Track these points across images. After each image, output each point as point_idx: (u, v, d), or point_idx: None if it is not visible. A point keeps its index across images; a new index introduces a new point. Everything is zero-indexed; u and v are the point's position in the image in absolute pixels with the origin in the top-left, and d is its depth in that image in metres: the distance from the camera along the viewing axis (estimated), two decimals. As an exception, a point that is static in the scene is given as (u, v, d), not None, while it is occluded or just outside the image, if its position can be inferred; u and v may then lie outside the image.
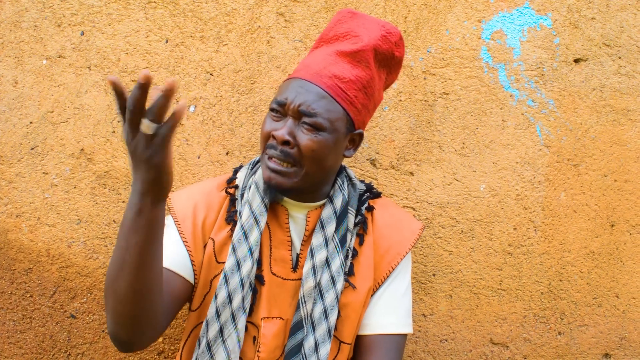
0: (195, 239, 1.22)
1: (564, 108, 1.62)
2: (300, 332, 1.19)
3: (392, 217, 1.30)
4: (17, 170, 1.47)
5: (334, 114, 1.14)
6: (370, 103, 1.21)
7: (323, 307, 1.19)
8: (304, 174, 1.14)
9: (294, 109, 1.13)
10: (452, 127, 1.57)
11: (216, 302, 1.17)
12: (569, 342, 1.65)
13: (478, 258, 1.59)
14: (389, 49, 1.21)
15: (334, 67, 1.16)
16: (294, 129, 1.13)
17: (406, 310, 1.27)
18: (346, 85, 1.15)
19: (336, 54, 1.17)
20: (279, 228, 1.23)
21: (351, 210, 1.25)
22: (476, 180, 1.58)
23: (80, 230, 1.48)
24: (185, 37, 1.50)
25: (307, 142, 1.12)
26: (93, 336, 1.50)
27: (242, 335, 1.18)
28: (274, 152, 1.14)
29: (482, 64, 1.58)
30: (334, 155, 1.18)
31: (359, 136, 1.22)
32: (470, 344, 1.60)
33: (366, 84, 1.18)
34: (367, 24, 1.21)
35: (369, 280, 1.23)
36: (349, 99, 1.16)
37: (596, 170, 1.64)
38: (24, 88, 1.48)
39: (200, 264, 1.22)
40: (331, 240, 1.21)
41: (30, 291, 1.49)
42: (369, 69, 1.18)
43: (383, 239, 1.27)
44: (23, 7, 1.48)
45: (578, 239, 1.63)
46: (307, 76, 1.15)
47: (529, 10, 1.59)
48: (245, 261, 1.18)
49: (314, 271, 1.19)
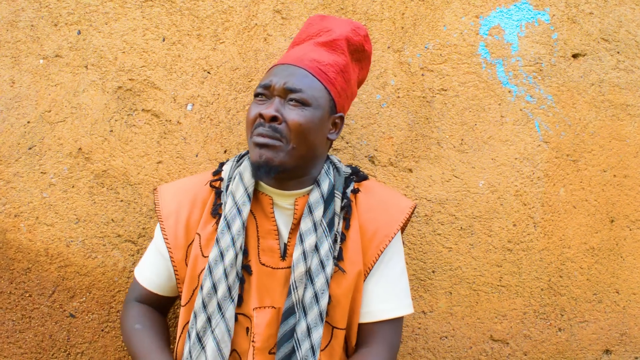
0: (177, 237, 1.26)
1: (562, 103, 1.61)
2: (292, 318, 1.20)
3: (378, 199, 1.31)
4: (15, 170, 1.47)
5: (317, 92, 1.20)
6: (348, 89, 1.27)
7: (314, 291, 1.19)
8: (291, 149, 1.17)
9: (279, 88, 1.18)
10: (451, 124, 1.57)
11: (202, 293, 1.20)
12: (569, 338, 1.64)
13: (477, 254, 1.58)
14: (359, 41, 1.28)
15: (313, 54, 1.24)
16: (280, 106, 1.18)
17: (404, 291, 1.29)
18: (326, 67, 1.22)
19: (313, 44, 1.26)
20: (265, 218, 1.25)
21: (337, 194, 1.26)
22: (475, 177, 1.58)
23: (78, 230, 1.48)
24: (182, 35, 1.50)
25: (295, 116, 1.17)
26: (92, 335, 1.50)
27: (231, 325, 1.19)
28: (262, 129, 1.17)
29: (480, 59, 1.57)
30: (320, 133, 1.21)
31: (341, 119, 1.27)
32: (470, 341, 1.59)
33: (343, 69, 1.25)
34: (337, 22, 1.30)
35: (357, 265, 1.24)
36: (329, 79, 1.22)
37: (595, 165, 1.64)
38: (21, 88, 1.48)
39: (182, 262, 1.26)
40: (319, 225, 1.22)
41: (29, 291, 1.49)
42: (344, 55, 1.26)
43: (369, 222, 1.27)
44: (19, 7, 1.48)
45: (578, 234, 1.63)
46: (289, 61, 1.23)
47: (526, 5, 1.59)
48: (228, 251, 1.20)
49: (304, 256, 1.20)
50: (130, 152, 1.49)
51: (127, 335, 1.27)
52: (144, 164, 1.49)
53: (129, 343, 1.25)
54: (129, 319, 1.30)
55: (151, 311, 1.32)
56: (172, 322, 1.52)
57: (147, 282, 1.31)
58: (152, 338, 1.24)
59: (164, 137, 1.50)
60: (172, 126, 1.50)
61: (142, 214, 1.49)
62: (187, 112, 1.50)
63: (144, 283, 1.31)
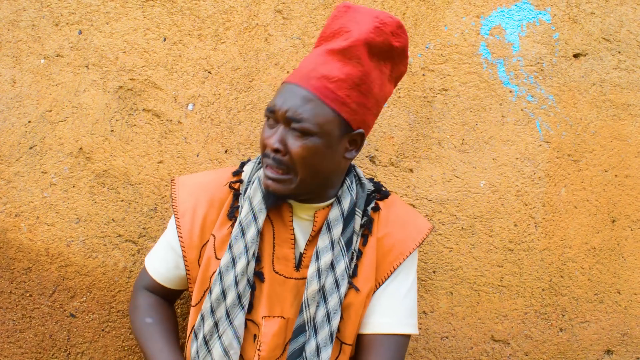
0: (192, 236, 1.23)
1: (563, 103, 1.61)
2: (303, 336, 1.18)
3: (397, 215, 1.28)
4: (15, 170, 1.47)
5: (322, 117, 1.10)
6: (368, 101, 1.15)
7: (326, 310, 1.18)
8: (299, 180, 1.13)
9: (282, 116, 1.11)
10: (452, 124, 1.57)
11: (210, 298, 1.19)
12: (570, 338, 1.64)
13: (478, 255, 1.58)
14: (384, 40, 1.14)
15: (322, 68, 1.12)
16: (285, 135, 1.11)
17: (408, 310, 1.25)
18: (336, 85, 1.10)
19: (326, 53, 1.13)
20: (283, 226, 1.23)
21: (358, 211, 1.23)
22: (476, 177, 1.57)
23: (79, 229, 1.48)
24: (183, 35, 1.50)
25: (297, 149, 1.10)
26: (93, 335, 1.50)
27: (240, 333, 1.18)
28: (268, 160, 1.13)
29: (481, 59, 1.57)
30: (330, 159, 1.14)
31: (360, 136, 1.17)
32: (471, 341, 1.59)
33: (359, 81, 1.12)
34: (359, 17, 1.15)
35: (370, 281, 1.23)
36: (339, 99, 1.11)
37: (597, 165, 1.63)
38: (22, 87, 1.48)
39: (195, 262, 1.24)
40: (337, 243, 1.19)
41: (29, 290, 1.49)
42: (360, 65, 1.12)
43: (386, 238, 1.25)
44: (21, 6, 1.48)
45: (579, 234, 1.63)
46: (296, 79, 1.13)
47: (527, 5, 1.59)
48: (240, 258, 1.17)
49: (318, 274, 1.18)
50: (131, 152, 1.49)
51: (137, 328, 1.27)
52: (144, 163, 1.49)
53: (140, 337, 1.25)
54: (140, 310, 1.29)
55: (161, 303, 1.32)
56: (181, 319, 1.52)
57: (156, 274, 1.30)
58: (163, 334, 1.24)
59: (165, 137, 1.50)
60: (173, 126, 1.50)
61: (143, 213, 1.49)
62: (188, 112, 1.50)
63: (153, 274, 1.31)
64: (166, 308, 1.33)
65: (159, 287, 1.32)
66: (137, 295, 1.33)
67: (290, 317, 1.21)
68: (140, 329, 1.26)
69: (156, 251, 1.32)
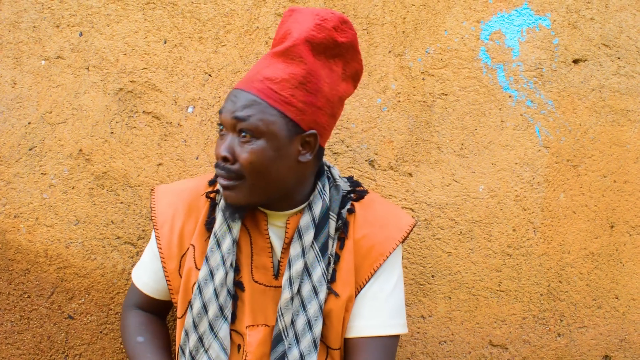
0: (171, 246, 1.23)
1: (563, 109, 1.61)
2: (281, 345, 1.17)
3: (376, 215, 1.25)
4: (15, 171, 1.47)
5: (268, 118, 1.07)
6: (317, 100, 1.11)
7: (306, 318, 1.16)
8: (250, 186, 1.10)
9: (228, 122, 1.09)
10: (451, 128, 1.57)
11: (192, 313, 1.18)
12: (568, 343, 1.64)
13: (477, 259, 1.58)
14: (326, 36, 1.11)
15: (266, 70, 1.10)
16: (232, 143, 1.09)
17: (393, 310, 1.23)
18: (279, 86, 1.08)
19: (270, 56, 1.12)
20: (259, 234, 1.21)
21: (332, 215, 1.20)
22: (475, 181, 1.58)
23: (78, 231, 1.48)
24: (184, 38, 1.50)
25: (244, 154, 1.07)
26: (91, 337, 1.50)
27: (227, 344, 1.17)
28: (219, 170, 1.11)
29: (480, 64, 1.58)
30: (281, 162, 1.10)
31: (313, 137, 1.12)
32: (469, 346, 1.59)
33: (303, 80, 1.09)
34: (301, 17, 1.13)
35: (350, 285, 1.20)
36: (283, 99, 1.08)
37: (595, 171, 1.64)
38: (22, 89, 1.48)
39: (175, 272, 1.23)
40: (310, 249, 1.17)
41: (28, 292, 1.49)
42: (304, 63, 1.09)
43: (364, 239, 1.22)
44: (22, 8, 1.48)
45: (577, 240, 1.63)
46: (240, 85, 1.11)
47: (527, 10, 1.59)
48: (218, 270, 1.16)
49: (290, 283, 1.16)
50: (131, 154, 1.49)
51: (129, 348, 1.25)
52: (144, 166, 1.49)
53: (133, 357, 1.23)
54: (131, 329, 1.28)
55: (152, 321, 1.31)
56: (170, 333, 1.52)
57: (145, 287, 1.30)
58: (155, 352, 1.22)
59: (165, 139, 1.50)
60: (173, 128, 1.50)
61: (142, 216, 1.49)
62: (188, 115, 1.50)
63: (142, 288, 1.30)
64: (157, 325, 1.31)
65: (149, 300, 1.31)
66: (127, 314, 1.31)
67: (274, 325, 1.20)
68: (133, 349, 1.24)
69: (143, 264, 1.32)
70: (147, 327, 1.29)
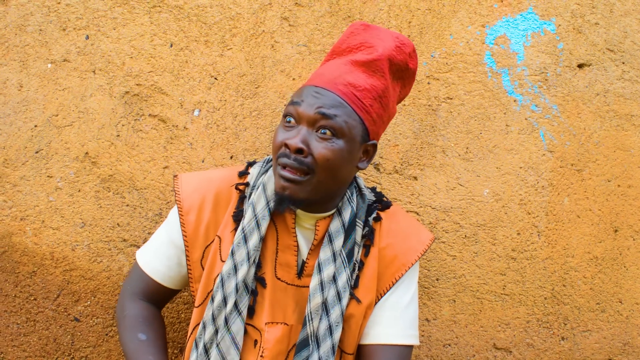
0: (197, 235, 1.22)
1: (567, 113, 1.62)
2: (306, 350, 1.18)
3: (399, 226, 1.28)
4: (21, 174, 1.48)
5: (351, 122, 1.12)
6: (385, 114, 1.19)
7: (328, 323, 1.18)
8: (316, 182, 1.11)
9: (308, 116, 1.11)
10: (456, 132, 1.58)
11: (212, 306, 1.18)
12: (572, 347, 1.64)
13: (481, 263, 1.59)
14: (403, 59, 1.19)
15: (348, 76, 1.14)
16: (307, 137, 1.11)
17: (409, 321, 1.25)
18: (362, 94, 1.13)
19: (351, 63, 1.16)
20: (287, 232, 1.22)
21: (359, 222, 1.23)
22: (480, 185, 1.58)
23: (84, 234, 1.49)
24: (190, 41, 1.51)
25: (322, 150, 1.10)
26: (97, 339, 1.50)
27: (238, 339, 1.17)
28: (287, 160, 1.11)
29: (485, 68, 1.58)
30: (348, 165, 1.15)
31: (373, 147, 1.19)
32: (473, 349, 1.60)
33: (381, 94, 1.16)
34: (381, 34, 1.19)
35: (371, 292, 1.23)
36: (364, 107, 1.13)
37: (600, 175, 1.64)
38: (28, 92, 1.48)
39: (198, 262, 1.23)
40: (339, 255, 1.19)
41: (34, 294, 1.49)
42: (384, 78, 1.16)
43: (388, 249, 1.25)
44: (28, 11, 1.48)
45: (581, 244, 1.63)
46: (322, 83, 1.14)
47: (532, 15, 1.60)
48: (242, 265, 1.17)
49: (321, 287, 1.18)
50: (137, 157, 1.50)
51: (127, 342, 1.21)
52: (150, 169, 1.50)
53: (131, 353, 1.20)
54: (131, 322, 1.24)
55: (154, 315, 1.27)
56: (177, 326, 1.52)
57: (155, 273, 1.26)
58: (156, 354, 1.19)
59: (171, 142, 1.50)
60: (179, 131, 1.50)
61: (148, 218, 1.50)
62: (193, 118, 1.51)
63: (151, 274, 1.26)
64: (158, 322, 1.28)
65: (156, 287, 1.27)
66: (128, 303, 1.27)
67: (293, 324, 1.22)
68: (132, 346, 1.20)
69: (153, 249, 1.28)
70: (150, 323, 1.25)
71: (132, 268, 1.31)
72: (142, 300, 1.28)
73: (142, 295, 1.28)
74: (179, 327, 1.52)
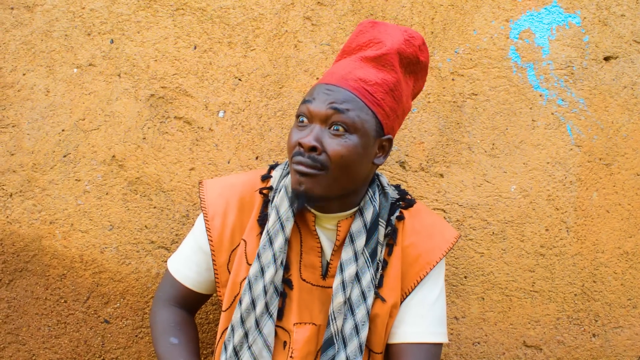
0: (223, 240, 1.23)
1: (594, 107, 1.60)
2: (332, 349, 1.18)
3: (423, 224, 1.28)
4: (50, 178, 1.49)
5: (363, 116, 1.12)
6: (398, 108, 1.18)
7: (354, 322, 1.18)
8: (331, 178, 1.11)
9: (320, 113, 1.11)
10: (482, 128, 1.56)
11: (240, 308, 1.18)
12: (603, 344, 1.62)
13: (510, 260, 1.57)
14: (413, 52, 1.19)
15: (359, 72, 1.14)
16: (320, 135, 1.11)
17: (437, 319, 1.24)
18: (373, 88, 1.13)
19: (360, 59, 1.16)
20: (309, 234, 1.23)
21: (382, 222, 1.22)
22: (507, 181, 1.57)
23: (112, 236, 1.50)
24: (214, 43, 1.51)
25: (335, 146, 1.10)
26: (126, 341, 1.51)
27: (270, 341, 1.18)
28: (301, 158, 1.11)
29: (510, 63, 1.57)
30: (364, 160, 1.14)
31: (389, 142, 1.19)
32: (503, 347, 1.58)
33: (393, 87, 1.16)
34: (389, 30, 1.19)
35: (396, 291, 1.22)
36: (376, 101, 1.13)
37: (629, 169, 1.62)
38: (55, 97, 1.50)
39: (224, 266, 1.24)
40: (361, 255, 1.19)
41: (64, 297, 1.50)
42: (394, 72, 1.16)
43: (412, 247, 1.25)
44: (54, 17, 1.50)
45: (611, 239, 1.61)
46: (333, 81, 1.14)
47: (557, 8, 1.58)
48: (269, 267, 1.17)
49: (343, 286, 1.18)
50: (163, 159, 1.51)
51: (160, 347, 1.23)
52: (176, 170, 1.51)
53: (162, 357, 1.21)
54: (164, 327, 1.26)
55: (186, 321, 1.29)
56: (207, 327, 1.53)
57: (186, 279, 1.28)
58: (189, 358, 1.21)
59: (197, 144, 1.51)
60: (204, 133, 1.51)
61: (175, 220, 1.51)
62: (218, 119, 1.51)
63: (182, 280, 1.28)
64: (191, 326, 1.30)
65: (186, 294, 1.29)
66: (160, 310, 1.29)
67: (321, 324, 1.22)
68: (165, 349, 1.22)
69: (183, 256, 1.30)
70: (181, 327, 1.27)
71: (164, 276, 1.33)
72: (174, 306, 1.30)
73: (174, 301, 1.30)
74: (208, 328, 1.53)
